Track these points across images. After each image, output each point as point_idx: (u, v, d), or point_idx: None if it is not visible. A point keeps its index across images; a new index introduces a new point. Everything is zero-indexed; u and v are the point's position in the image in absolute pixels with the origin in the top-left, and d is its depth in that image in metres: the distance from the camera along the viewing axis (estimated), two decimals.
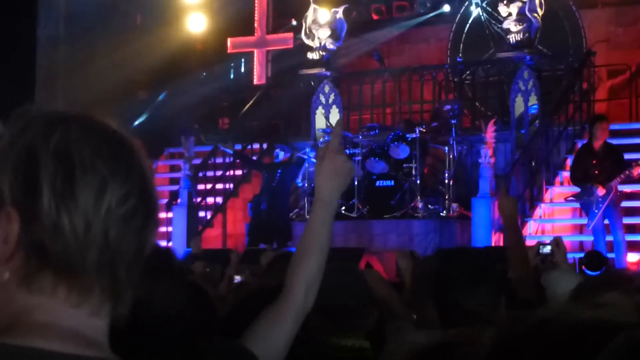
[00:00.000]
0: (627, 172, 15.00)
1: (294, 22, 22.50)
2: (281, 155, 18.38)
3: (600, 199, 15.06)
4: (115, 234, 1.74)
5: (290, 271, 3.36)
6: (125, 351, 2.53)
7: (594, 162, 15.34)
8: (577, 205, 16.62)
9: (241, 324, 3.35)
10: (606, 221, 15.31)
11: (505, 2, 19.92)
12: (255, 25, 23.01)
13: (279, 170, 17.84)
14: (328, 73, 20.99)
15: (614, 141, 16.43)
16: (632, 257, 15.12)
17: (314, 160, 17.32)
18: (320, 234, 3.38)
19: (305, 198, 18.72)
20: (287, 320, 3.29)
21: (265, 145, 20.49)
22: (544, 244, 5.79)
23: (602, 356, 1.48)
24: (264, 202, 17.77)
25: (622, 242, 15.06)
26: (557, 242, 5.65)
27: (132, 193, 1.75)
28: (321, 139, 19.38)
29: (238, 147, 20.52)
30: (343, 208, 17.86)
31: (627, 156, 15.84)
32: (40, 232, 1.71)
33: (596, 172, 15.22)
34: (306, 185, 19.03)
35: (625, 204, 15.91)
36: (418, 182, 17.62)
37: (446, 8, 22.26)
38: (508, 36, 19.81)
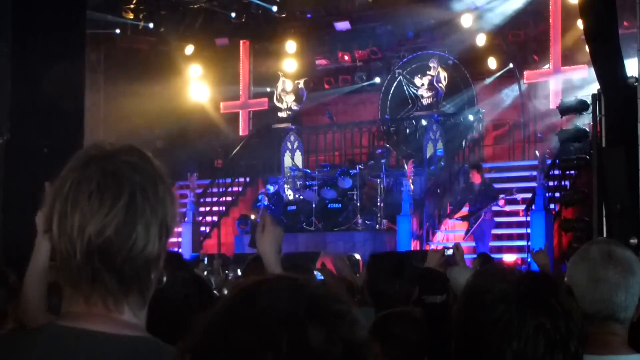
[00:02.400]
0: (494, 204, 14.98)
1: (268, 90, 22.40)
2: (271, 189, 18.19)
3: (476, 219, 15.11)
4: (99, 258, 1.61)
5: None
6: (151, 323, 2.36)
7: (473, 195, 15.39)
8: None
9: None
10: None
11: (419, 75, 20.03)
12: (240, 93, 22.83)
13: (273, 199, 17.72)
14: (293, 127, 21.02)
15: (498, 175, 16.24)
16: (509, 258, 14.88)
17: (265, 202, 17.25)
18: None
19: None
20: None
21: (248, 179, 20.29)
22: (448, 248, 5.33)
23: None
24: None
25: (487, 247, 14.93)
26: (457, 247, 5.34)
27: (108, 227, 1.60)
28: (288, 174, 19.10)
29: (228, 180, 20.25)
30: (304, 224, 17.72)
31: (506, 184, 15.84)
32: (55, 248, 1.67)
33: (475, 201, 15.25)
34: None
35: (507, 219, 15.79)
36: (358, 204, 17.53)
37: (377, 80, 21.86)
38: (421, 100, 19.84)
